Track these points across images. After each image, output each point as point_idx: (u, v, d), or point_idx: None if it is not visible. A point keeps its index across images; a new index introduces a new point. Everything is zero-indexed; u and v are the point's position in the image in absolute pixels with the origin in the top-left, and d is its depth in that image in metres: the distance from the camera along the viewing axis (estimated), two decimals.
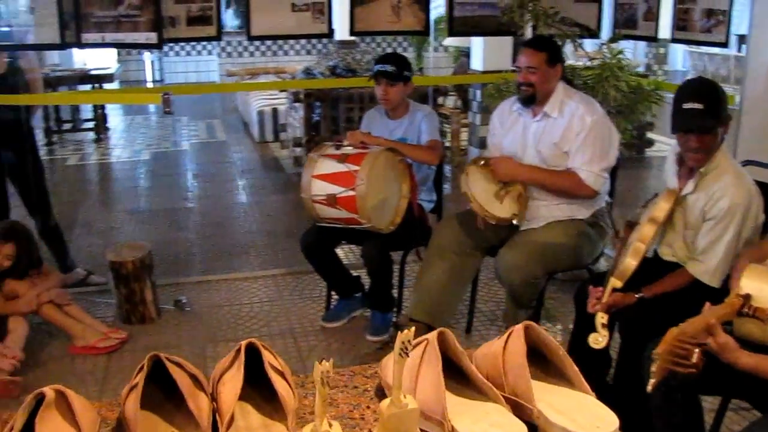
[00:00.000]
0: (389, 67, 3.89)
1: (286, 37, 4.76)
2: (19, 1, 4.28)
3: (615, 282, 2.74)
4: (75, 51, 10.07)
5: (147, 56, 14.41)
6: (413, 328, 1.09)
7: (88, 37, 4.28)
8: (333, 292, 4.29)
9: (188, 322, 4.29)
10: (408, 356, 1.03)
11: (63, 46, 4.36)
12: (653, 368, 1.88)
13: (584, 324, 2.84)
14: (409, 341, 1.02)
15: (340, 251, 4.23)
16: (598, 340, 2.66)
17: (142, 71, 14.52)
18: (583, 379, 1.18)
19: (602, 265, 3.79)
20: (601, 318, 2.69)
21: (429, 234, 3.83)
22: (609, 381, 3.09)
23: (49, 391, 1.01)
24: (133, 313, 4.25)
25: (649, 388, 1.94)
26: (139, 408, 1.05)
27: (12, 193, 4.71)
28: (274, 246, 5.58)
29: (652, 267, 2.85)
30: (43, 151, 8.73)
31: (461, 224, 3.63)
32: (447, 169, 6.34)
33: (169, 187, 7.62)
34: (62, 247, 4.84)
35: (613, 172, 3.62)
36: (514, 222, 3.43)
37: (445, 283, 3.59)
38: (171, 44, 8.87)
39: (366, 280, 4.14)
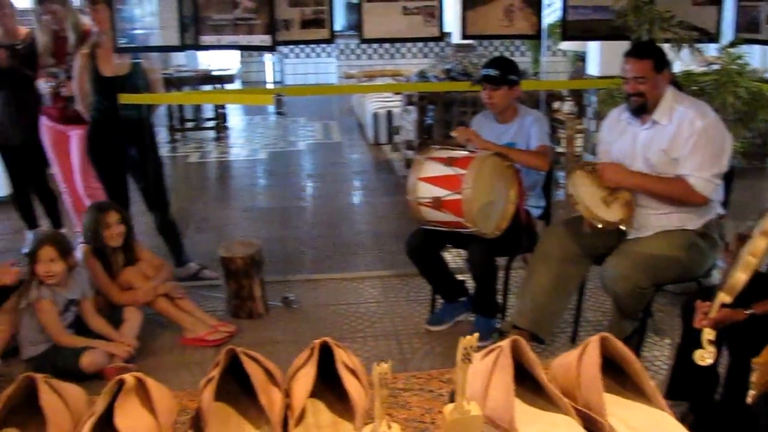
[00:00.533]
0: (493, 72, 3.87)
1: (397, 40, 4.79)
2: (146, 7, 4.48)
3: (723, 297, 2.64)
4: (200, 52, 10.43)
5: (268, 58, 14.75)
6: (476, 334, 1.09)
7: (206, 39, 4.45)
8: (438, 296, 4.30)
9: (294, 319, 4.39)
10: (471, 362, 1.04)
11: (182, 48, 4.55)
12: (753, 378, 1.81)
13: (691, 339, 2.75)
14: (471, 347, 1.03)
15: (446, 255, 4.24)
16: (704, 357, 2.57)
17: (262, 72, 14.89)
18: (660, 396, 1.15)
19: (715, 278, 3.65)
20: (708, 334, 2.59)
21: (535, 240, 3.79)
22: (716, 399, 2.99)
23: (129, 377, 1.06)
24: (242, 308, 4.38)
25: (749, 399, 1.86)
26: (213, 399, 1.09)
27: (133, 189, 4.94)
28: (382, 247, 5.64)
29: (765, 282, 2.73)
30: (166, 149, 9.13)
31: (568, 231, 3.58)
32: (559, 175, 6.24)
33: (283, 186, 7.80)
34: (178, 242, 5.04)
35: (729, 182, 3.49)
36: (622, 228, 3.36)
37: (550, 291, 3.54)
38: (290, 46, 9.10)
39: (471, 285, 4.13)
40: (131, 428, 1.01)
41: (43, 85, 5.00)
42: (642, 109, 3.34)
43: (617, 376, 1.22)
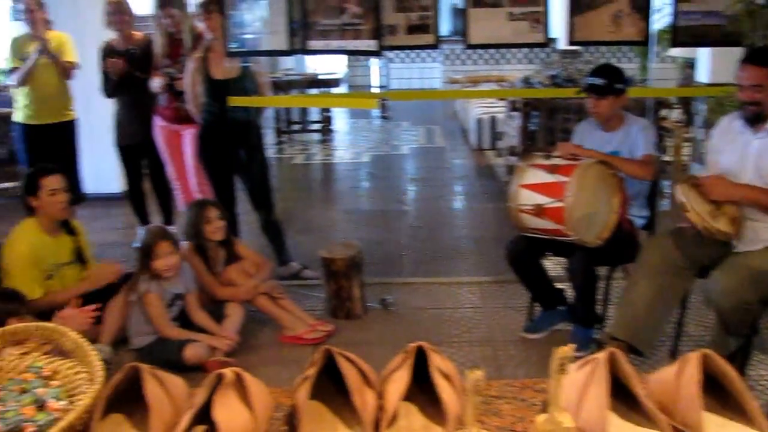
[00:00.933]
0: (598, 81, 3.79)
1: (502, 46, 4.76)
2: (256, 13, 4.60)
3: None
4: (308, 56, 10.61)
5: (373, 62, 14.90)
6: (572, 345, 1.07)
7: (314, 44, 4.53)
8: (536, 304, 4.24)
9: (391, 321, 4.41)
10: (566, 373, 1.02)
11: (291, 52, 4.65)
12: None
13: None
14: (567, 358, 1.01)
15: (546, 262, 4.18)
16: None
17: (368, 77, 15.05)
18: (763, 418, 1.10)
19: None
20: None
21: (638, 251, 3.69)
22: None
23: (228, 372, 1.09)
24: (340, 309, 4.43)
25: None
26: (308, 398, 1.11)
27: (239, 189, 5.07)
28: (482, 253, 5.60)
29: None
30: (272, 150, 9.32)
31: (672, 242, 3.47)
32: (665, 184, 6.07)
33: (385, 189, 7.86)
34: (281, 241, 5.13)
35: None
36: (732, 241, 3.24)
37: (650, 303, 3.44)
38: (396, 51, 9.12)
39: (570, 294, 4.06)
40: (228, 422, 1.03)
41: (157, 83, 5.19)
42: (757, 118, 3.21)
43: (718, 394, 1.18)
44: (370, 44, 4.37)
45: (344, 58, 13.18)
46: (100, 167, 7.12)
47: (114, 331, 4.05)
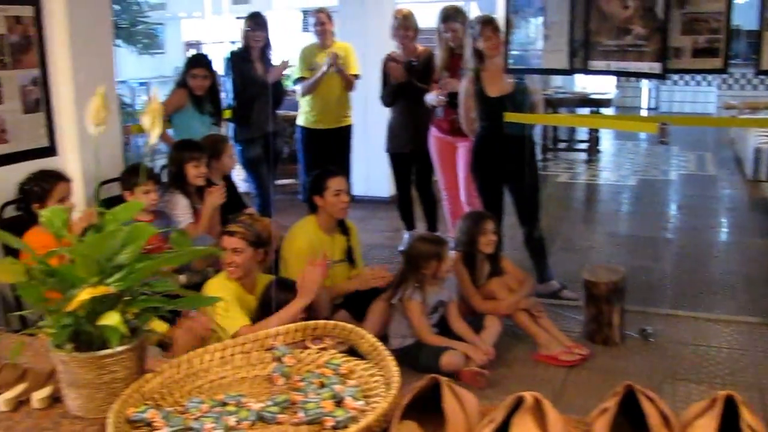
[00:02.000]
0: None
1: None
2: (537, 32, 4.57)
3: None
4: (577, 76, 10.43)
5: (644, 83, 14.36)
6: None
7: (595, 64, 4.41)
8: None
9: (649, 353, 4.19)
10: None
11: (571, 71, 4.57)
12: None
13: None
14: None
15: None
16: None
17: (637, 98, 14.53)
18: None
19: None
20: None
21: None
22: None
23: (528, 396, 1.07)
24: (598, 333, 4.28)
25: None
26: (607, 430, 1.06)
27: (507, 202, 5.07)
28: (751, 291, 5.18)
29: None
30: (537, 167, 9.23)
31: None
32: None
33: (651, 215, 7.50)
34: (543, 258, 5.06)
35: None
36: None
37: None
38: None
39: None
40: None
41: (433, 97, 5.33)
42: None
43: None
44: (653, 66, 4.18)
45: (613, 78, 12.79)
46: (371, 171, 7.44)
47: (375, 331, 4.19)
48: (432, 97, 5.35)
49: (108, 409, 1.27)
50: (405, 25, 5.57)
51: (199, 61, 5.33)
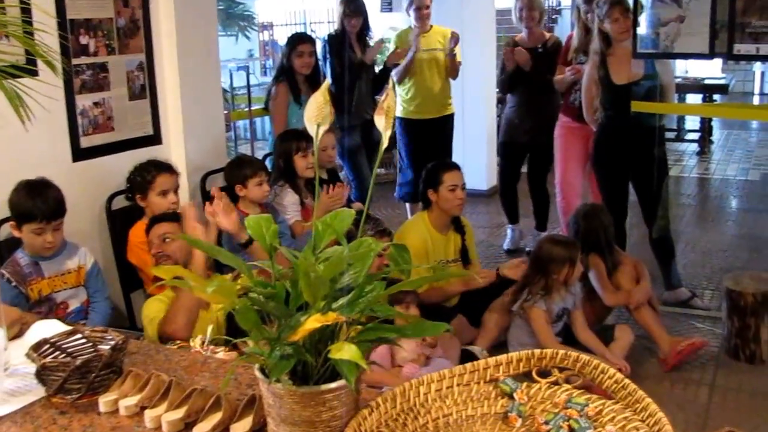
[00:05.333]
0: None
1: None
2: (672, 13, 4.37)
3: None
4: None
5: (757, 67, 13.80)
6: None
7: (741, 47, 4.20)
8: None
9: None
10: None
11: (711, 56, 4.37)
12: None
13: None
14: None
15: None
16: None
17: (749, 82, 13.97)
18: None
19: None
20: None
21: None
22: None
23: None
24: (743, 350, 4.07)
25: None
26: None
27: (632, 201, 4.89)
28: None
29: None
30: None
31: None
32: None
33: None
34: (671, 261, 4.86)
35: None
36: None
37: None
38: None
39: None
40: None
41: (569, 75, 5.15)
42: None
43: None
44: None
45: (718, 61, 12.29)
46: (467, 162, 7.29)
47: (493, 336, 4.09)
48: (569, 75, 5.17)
49: None
50: (530, 6, 5.40)
51: (303, 38, 5.23)
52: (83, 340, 1.71)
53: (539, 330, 3.86)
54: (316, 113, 1.27)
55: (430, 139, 5.96)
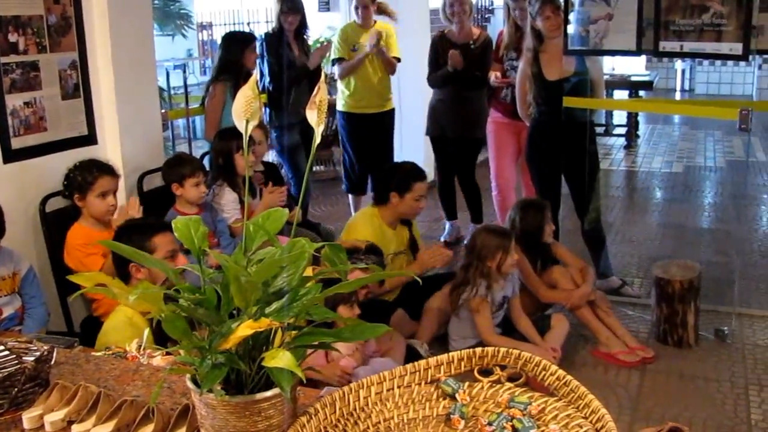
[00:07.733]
0: None
1: None
2: (601, 11, 4.36)
3: None
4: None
5: (678, 64, 13.99)
6: None
7: (666, 45, 4.21)
8: None
9: (728, 356, 3.99)
10: None
11: (638, 52, 4.37)
12: None
13: None
14: None
15: None
16: None
17: (672, 79, 14.17)
18: None
19: None
20: None
21: None
22: None
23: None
24: (671, 335, 4.09)
25: None
26: None
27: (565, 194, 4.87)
28: None
29: None
30: None
31: None
32: None
33: (704, 204, 7.24)
34: (602, 252, 4.86)
35: None
36: None
37: None
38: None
39: None
40: None
41: (495, 76, 5.13)
42: None
43: None
44: (734, 47, 3.96)
45: (642, 58, 12.42)
46: (406, 157, 7.20)
47: (434, 329, 4.04)
48: (494, 82, 5.16)
49: None
50: (460, 2, 5.33)
51: (254, 36, 5.31)
52: (6, 352, 1.58)
53: (480, 321, 3.83)
54: (245, 108, 1.16)
55: (371, 133, 5.88)
